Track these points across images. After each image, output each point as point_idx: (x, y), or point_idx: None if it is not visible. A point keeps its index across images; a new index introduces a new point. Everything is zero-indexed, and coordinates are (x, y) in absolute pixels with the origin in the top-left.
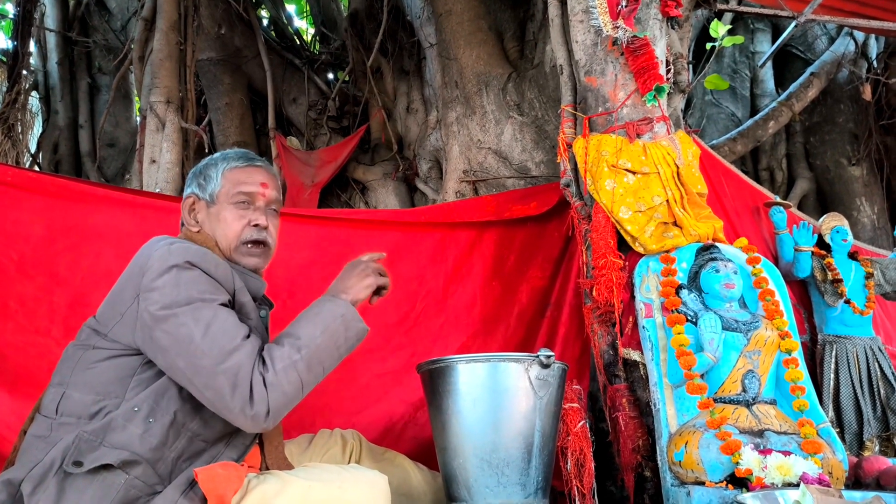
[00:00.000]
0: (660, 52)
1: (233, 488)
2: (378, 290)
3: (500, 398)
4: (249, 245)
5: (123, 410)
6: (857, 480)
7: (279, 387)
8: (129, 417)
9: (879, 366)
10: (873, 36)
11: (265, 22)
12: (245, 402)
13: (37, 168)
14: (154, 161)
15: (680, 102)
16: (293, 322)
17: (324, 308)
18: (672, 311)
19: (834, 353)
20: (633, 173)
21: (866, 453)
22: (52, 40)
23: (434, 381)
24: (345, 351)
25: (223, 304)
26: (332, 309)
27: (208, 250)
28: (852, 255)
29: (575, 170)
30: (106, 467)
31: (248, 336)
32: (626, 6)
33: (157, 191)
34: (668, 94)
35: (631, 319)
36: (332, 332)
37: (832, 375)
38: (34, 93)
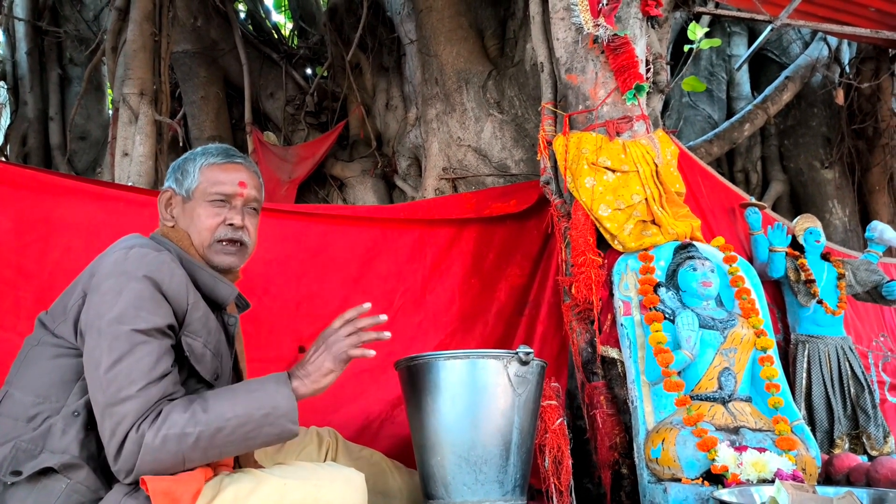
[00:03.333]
0: (640, 51)
1: (189, 489)
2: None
3: (478, 395)
4: (224, 243)
5: (63, 415)
6: (827, 477)
7: (154, 453)
8: (69, 422)
9: (850, 365)
10: (846, 41)
11: (242, 15)
12: (114, 452)
13: (3, 160)
14: (127, 154)
15: (658, 103)
16: (231, 386)
17: (263, 389)
18: (650, 308)
19: (806, 352)
20: (613, 171)
21: (836, 451)
22: (21, 29)
23: (412, 378)
24: (259, 444)
25: (156, 331)
26: (267, 398)
27: (168, 258)
28: (825, 257)
29: (555, 167)
30: (46, 473)
31: (161, 378)
32: (607, 4)
33: (130, 184)
34: (647, 93)
35: (609, 317)
36: (248, 421)
37: (804, 374)
38: (2, 83)
